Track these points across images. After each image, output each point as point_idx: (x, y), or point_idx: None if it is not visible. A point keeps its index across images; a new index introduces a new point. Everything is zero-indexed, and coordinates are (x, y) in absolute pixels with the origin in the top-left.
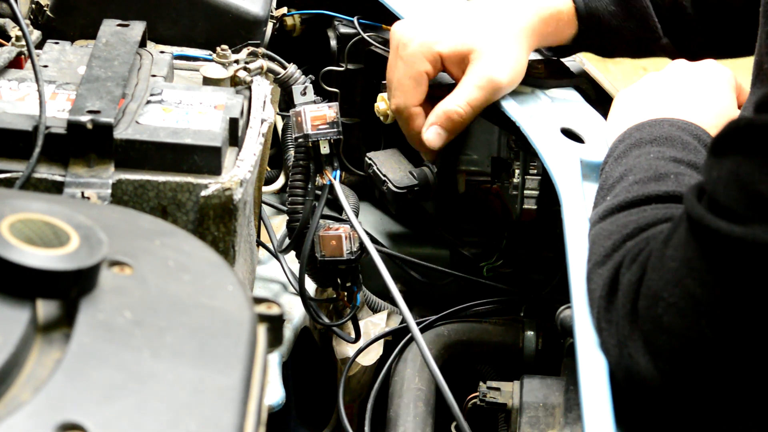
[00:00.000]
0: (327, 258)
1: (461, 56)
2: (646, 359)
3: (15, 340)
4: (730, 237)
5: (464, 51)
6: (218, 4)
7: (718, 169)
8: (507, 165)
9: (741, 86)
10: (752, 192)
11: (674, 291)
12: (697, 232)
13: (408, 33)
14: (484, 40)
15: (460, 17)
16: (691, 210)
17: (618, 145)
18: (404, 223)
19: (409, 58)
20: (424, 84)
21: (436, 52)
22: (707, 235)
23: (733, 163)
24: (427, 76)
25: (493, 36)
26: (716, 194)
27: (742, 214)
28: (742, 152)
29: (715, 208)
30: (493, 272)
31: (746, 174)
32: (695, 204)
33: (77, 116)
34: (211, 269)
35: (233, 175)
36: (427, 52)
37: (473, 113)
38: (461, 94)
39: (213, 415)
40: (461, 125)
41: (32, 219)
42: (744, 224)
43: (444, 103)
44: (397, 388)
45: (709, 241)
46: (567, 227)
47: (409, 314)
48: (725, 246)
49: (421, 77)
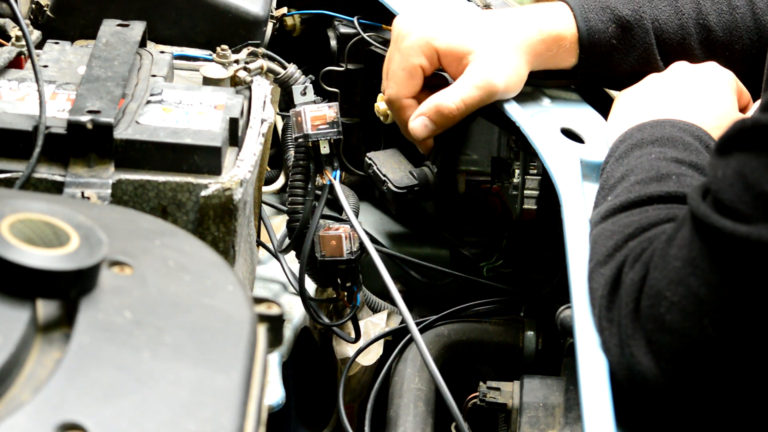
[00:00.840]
0: (327, 258)
1: (459, 56)
2: (648, 358)
3: (15, 340)
4: (735, 236)
5: (462, 51)
6: (218, 4)
7: (724, 168)
8: (507, 165)
9: (742, 89)
10: (758, 191)
11: (677, 290)
12: (701, 231)
13: (408, 26)
14: (484, 45)
15: (464, 20)
16: (695, 209)
17: (619, 145)
18: (404, 223)
19: (405, 50)
20: (418, 77)
21: (433, 47)
22: (711, 234)
23: (738, 163)
24: (422, 70)
25: (493, 42)
26: (721, 193)
27: (747, 213)
28: (748, 151)
29: (719, 207)
30: (493, 272)
31: (751, 173)
32: (700, 203)
33: (77, 116)
34: (211, 269)
35: (233, 175)
36: (424, 46)
37: (465, 111)
38: (457, 91)
39: (213, 415)
40: (451, 121)
41: (32, 219)
42: (749, 223)
43: (437, 96)
44: (397, 388)
45: (714, 240)
46: (567, 227)
47: (409, 315)
48: (729, 245)
49: (416, 70)
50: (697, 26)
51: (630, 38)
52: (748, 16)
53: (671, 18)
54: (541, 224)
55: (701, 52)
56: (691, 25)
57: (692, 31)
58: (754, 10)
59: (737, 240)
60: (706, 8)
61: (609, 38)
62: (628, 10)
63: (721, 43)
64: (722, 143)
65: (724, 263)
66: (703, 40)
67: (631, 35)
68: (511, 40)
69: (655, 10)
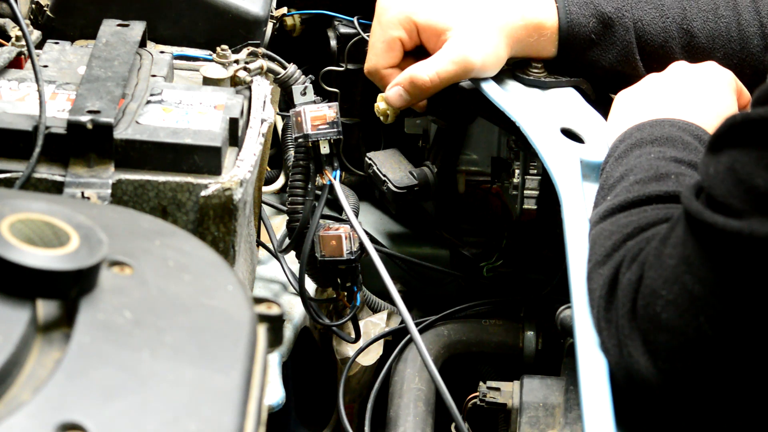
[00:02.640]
0: (327, 258)
1: (438, 31)
2: (645, 358)
3: (15, 340)
4: (727, 231)
5: (441, 27)
6: (218, 4)
7: (715, 165)
8: (507, 165)
9: (742, 88)
10: (749, 186)
11: (672, 288)
12: (694, 229)
13: (389, 1)
14: (463, 23)
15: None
16: (688, 207)
17: (618, 145)
18: (404, 223)
19: (385, 23)
20: (398, 50)
21: (412, 21)
22: (705, 230)
23: (729, 158)
24: (402, 43)
25: (473, 21)
26: (713, 189)
27: (738, 208)
28: (739, 146)
29: (712, 204)
30: (493, 272)
31: (742, 168)
32: (693, 201)
33: (77, 116)
34: (211, 269)
35: (233, 175)
36: (403, 20)
37: (440, 85)
38: (433, 64)
39: (213, 415)
40: (425, 93)
41: (32, 219)
42: (740, 218)
43: (413, 68)
44: (397, 388)
45: (707, 237)
46: (567, 227)
47: (408, 315)
48: (723, 241)
49: (395, 42)
50: (681, 30)
51: (610, 35)
52: (733, 26)
53: (655, 20)
54: (541, 224)
55: (682, 57)
56: (674, 29)
57: (675, 34)
58: (740, 20)
59: (729, 235)
60: (691, 14)
61: (589, 32)
62: (611, 7)
63: (703, 49)
64: (714, 140)
65: (717, 259)
66: (686, 44)
67: (612, 32)
68: (492, 21)
69: (640, 11)
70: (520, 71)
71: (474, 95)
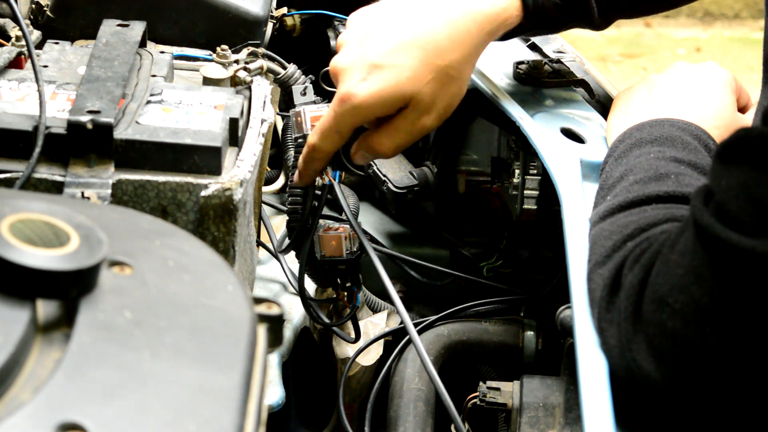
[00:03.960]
0: (327, 258)
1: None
2: (650, 362)
3: (15, 340)
4: (739, 248)
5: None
6: (218, 4)
7: (728, 177)
8: (507, 165)
9: (741, 87)
10: (763, 206)
11: (680, 298)
12: (704, 241)
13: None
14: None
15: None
16: (699, 217)
17: (618, 145)
18: (404, 223)
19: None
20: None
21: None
22: (715, 244)
23: (743, 174)
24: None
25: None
26: (726, 204)
27: (752, 226)
28: (753, 164)
29: (723, 218)
30: (493, 272)
31: (757, 187)
32: (703, 211)
33: (77, 116)
34: (211, 269)
35: (233, 175)
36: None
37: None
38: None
39: (213, 416)
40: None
41: (32, 219)
42: (753, 236)
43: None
44: (397, 388)
45: (718, 251)
46: (567, 227)
47: (407, 316)
48: (734, 257)
49: (349, 131)
50: None
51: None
52: None
53: None
54: (541, 224)
55: None
56: None
57: None
58: None
59: (742, 252)
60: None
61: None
62: None
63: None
64: (725, 150)
65: (727, 274)
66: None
67: None
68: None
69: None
70: (521, 71)
71: (474, 95)
